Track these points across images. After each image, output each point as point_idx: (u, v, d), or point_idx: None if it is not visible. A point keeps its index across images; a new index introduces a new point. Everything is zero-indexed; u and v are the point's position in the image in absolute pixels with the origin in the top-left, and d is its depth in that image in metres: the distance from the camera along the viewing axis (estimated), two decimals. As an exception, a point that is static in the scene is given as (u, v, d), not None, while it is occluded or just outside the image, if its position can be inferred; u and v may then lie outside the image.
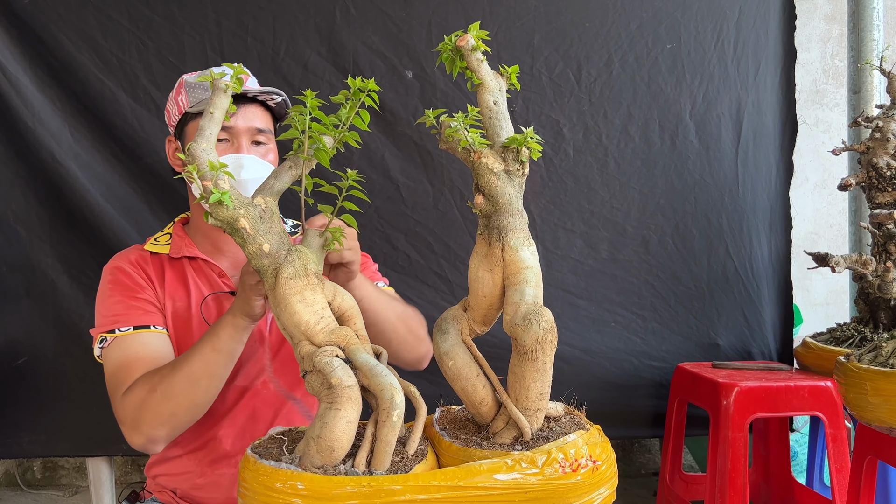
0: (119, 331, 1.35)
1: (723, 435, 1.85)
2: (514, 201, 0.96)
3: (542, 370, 0.91)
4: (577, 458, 0.86)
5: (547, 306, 0.93)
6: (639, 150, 2.26)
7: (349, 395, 0.82)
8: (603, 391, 2.22)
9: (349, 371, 0.84)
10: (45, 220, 2.06)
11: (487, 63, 0.99)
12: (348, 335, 0.89)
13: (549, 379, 0.93)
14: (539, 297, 0.95)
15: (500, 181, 0.95)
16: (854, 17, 2.37)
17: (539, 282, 0.96)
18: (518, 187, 0.97)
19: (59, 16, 2.03)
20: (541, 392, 0.92)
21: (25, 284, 2.05)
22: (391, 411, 0.82)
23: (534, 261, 0.96)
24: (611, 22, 2.24)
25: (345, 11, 2.14)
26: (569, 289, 2.23)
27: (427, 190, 2.19)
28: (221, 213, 0.85)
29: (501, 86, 1.00)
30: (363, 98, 0.93)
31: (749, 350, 2.30)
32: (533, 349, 0.90)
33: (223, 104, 0.92)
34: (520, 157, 0.95)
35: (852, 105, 2.38)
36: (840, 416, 1.88)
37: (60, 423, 2.07)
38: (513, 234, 0.97)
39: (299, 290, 0.86)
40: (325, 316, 0.88)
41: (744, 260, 2.30)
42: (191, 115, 1.42)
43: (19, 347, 2.05)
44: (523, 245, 0.96)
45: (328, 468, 0.81)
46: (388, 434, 0.82)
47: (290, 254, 0.87)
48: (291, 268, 0.86)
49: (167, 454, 1.45)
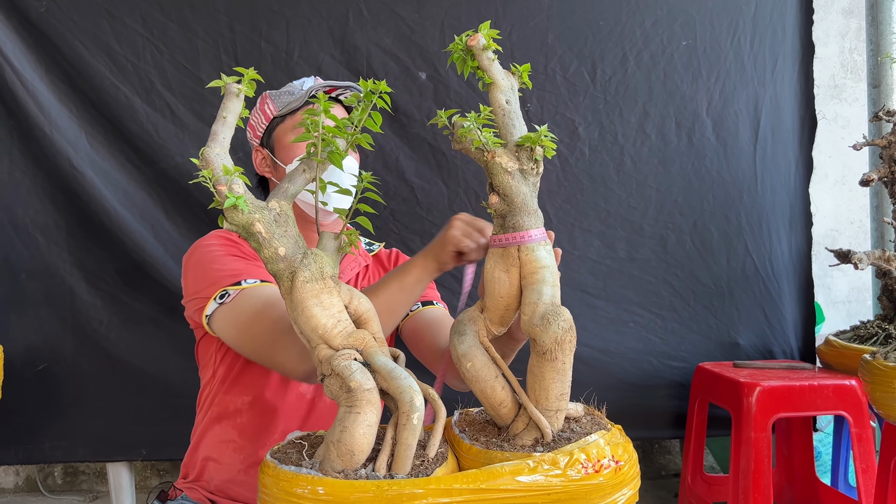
0: (245, 282, 1.26)
1: (745, 435, 1.83)
2: (529, 200, 0.95)
3: (561, 370, 0.90)
4: (599, 459, 0.84)
5: (565, 307, 0.92)
6: (655, 149, 2.24)
7: (368, 398, 0.81)
8: (622, 392, 2.20)
9: (368, 374, 0.83)
10: (63, 227, 2.07)
11: (499, 62, 0.98)
12: (366, 338, 0.88)
13: (569, 379, 0.92)
14: (557, 297, 0.94)
15: (514, 180, 0.94)
16: (873, 9, 2.34)
17: (556, 281, 0.95)
18: (533, 186, 0.96)
19: (73, 23, 2.05)
20: (561, 392, 0.91)
21: (44, 290, 2.06)
22: (411, 414, 0.81)
23: (550, 260, 0.95)
24: (625, 19, 2.22)
25: (357, 14, 2.14)
26: (586, 289, 2.21)
27: (442, 191, 2.18)
28: (237, 218, 0.84)
29: (513, 84, 0.99)
30: (375, 100, 0.92)
31: (770, 349, 2.26)
32: (552, 349, 0.89)
33: (235, 108, 0.91)
34: (534, 156, 0.94)
35: (872, 99, 2.34)
36: (865, 416, 1.85)
37: (81, 429, 2.08)
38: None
39: (316, 293, 0.85)
40: (342, 319, 0.87)
41: (763, 258, 2.27)
42: (278, 119, 1.43)
43: (39, 353, 2.06)
44: (539, 244, 0.95)
45: (349, 472, 0.80)
46: (409, 437, 0.81)
47: (307, 257, 0.87)
48: (308, 271, 0.85)
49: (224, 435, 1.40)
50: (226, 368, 1.42)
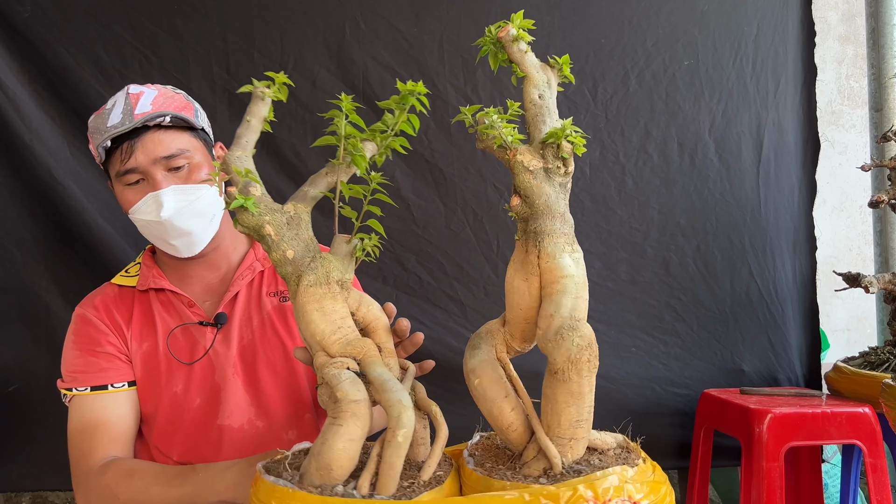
0: (76, 390, 1.34)
1: (756, 465, 1.75)
2: (554, 202, 0.87)
3: (576, 394, 0.81)
4: (611, 498, 0.75)
5: (588, 322, 0.84)
6: (657, 169, 2.19)
7: (353, 410, 0.77)
8: (624, 420, 2.11)
9: (358, 385, 0.79)
10: (41, 240, 1.97)
11: (534, 54, 0.91)
12: (366, 347, 0.83)
13: (588, 404, 0.82)
14: (579, 310, 0.86)
15: (536, 180, 0.86)
16: (874, 34, 2.32)
17: (581, 292, 0.87)
18: (560, 187, 0.88)
19: (59, 29, 1.97)
20: (576, 419, 0.81)
21: (18, 307, 1.95)
22: (396, 430, 0.75)
23: (576, 269, 0.87)
24: (627, 38, 2.19)
25: (354, 26, 2.08)
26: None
27: (439, 209, 2.11)
28: (247, 220, 0.83)
29: (550, 79, 0.92)
30: (413, 102, 0.88)
31: (775, 376, 2.20)
32: (564, 369, 0.79)
33: (261, 112, 0.90)
34: (560, 153, 0.87)
35: (874, 123, 2.31)
36: (880, 445, 1.77)
37: (52, 456, 1.95)
38: (550, 239, 0.87)
39: (318, 298, 0.82)
40: (343, 326, 0.83)
41: (767, 282, 2.21)
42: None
43: (10, 374, 1.94)
44: (563, 251, 0.87)
45: (325, 488, 0.75)
46: (392, 455, 0.75)
47: (314, 261, 0.83)
48: (313, 275, 0.82)
49: None
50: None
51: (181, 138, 1.33)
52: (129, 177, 1.31)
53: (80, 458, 1.30)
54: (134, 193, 1.32)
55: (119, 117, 1.29)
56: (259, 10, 2.05)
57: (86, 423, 1.31)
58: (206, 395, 1.37)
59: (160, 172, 1.29)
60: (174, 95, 1.38)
